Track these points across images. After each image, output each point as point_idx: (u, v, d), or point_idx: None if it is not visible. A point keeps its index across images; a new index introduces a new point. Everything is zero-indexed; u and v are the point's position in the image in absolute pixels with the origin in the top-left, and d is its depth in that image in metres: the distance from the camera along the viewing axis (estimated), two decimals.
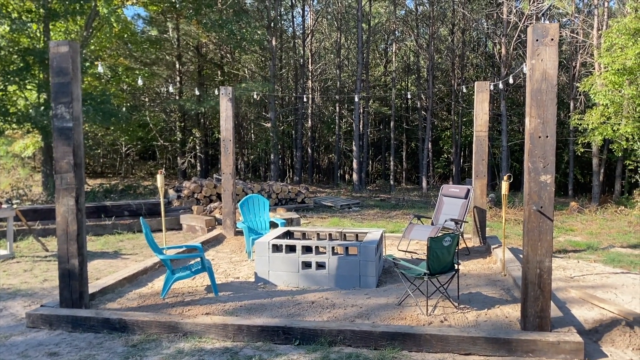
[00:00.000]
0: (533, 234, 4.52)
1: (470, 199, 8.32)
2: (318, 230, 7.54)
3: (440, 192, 8.80)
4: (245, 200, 8.53)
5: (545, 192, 4.48)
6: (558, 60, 4.48)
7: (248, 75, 25.06)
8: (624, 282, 7.00)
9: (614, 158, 22.25)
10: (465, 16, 25.47)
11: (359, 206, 15.21)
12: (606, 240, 10.78)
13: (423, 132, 27.31)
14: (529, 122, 4.48)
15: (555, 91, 4.42)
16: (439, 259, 5.26)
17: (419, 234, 7.80)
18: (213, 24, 17.87)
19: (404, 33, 29.08)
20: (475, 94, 8.75)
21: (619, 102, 15.89)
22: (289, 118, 28.75)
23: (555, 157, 4.49)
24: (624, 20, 16.06)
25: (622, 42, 15.58)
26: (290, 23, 27.81)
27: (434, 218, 8.55)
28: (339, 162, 29.46)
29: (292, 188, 14.86)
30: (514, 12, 19.84)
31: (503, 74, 20.77)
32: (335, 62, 30.14)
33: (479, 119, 8.70)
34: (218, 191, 13.49)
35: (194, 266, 6.16)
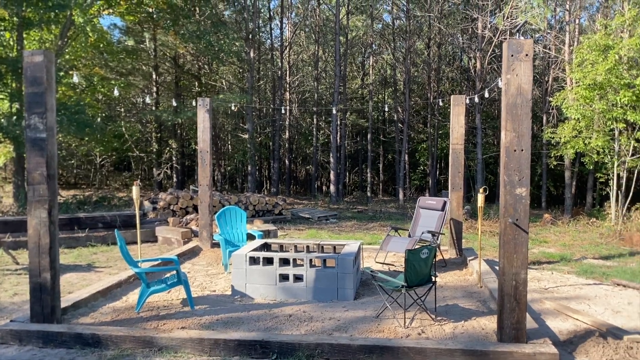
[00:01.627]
0: (509, 246, 4.57)
1: (446, 211, 8.40)
2: (295, 243, 7.51)
3: (417, 204, 8.87)
4: (223, 212, 8.46)
5: (521, 204, 4.54)
6: (532, 75, 4.57)
7: (226, 86, 24.98)
8: (596, 293, 7.13)
9: (586, 171, 22.74)
10: (441, 31, 25.87)
11: (336, 218, 15.21)
12: (579, 251, 10.97)
13: (400, 145, 27.53)
14: (504, 136, 4.54)
15: (530, 105, 4.51)
16: (417, 271, 5.28)
17: (396, 246, 7.83)
18: (191, 35, 17.81)
19: (381, 46, 29.39)
20: (451, 108, 8.87)
21: (590, 117, 16.26)
22: (266, 129, 28.71)
23: (530, 170, 4.57)
24: (594, 37, 16.51)
25: (593, 58, 15.99)
26: (269, 35, 27.88)
27: (411, 230, 8.60)
28: (316, 173, 29.49)
29: (270, 200, 14.80)
30: (488, 27, 20.23)
31: (478, 88, 21.11)
32: (313, 74, 30.28)
33: (455, 132, 8.81)
34: (194, 203, 13.36)
35: (170, 279, 6.07)
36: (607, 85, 15.72)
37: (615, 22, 16.50)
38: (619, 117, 15.76)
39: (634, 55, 16.01)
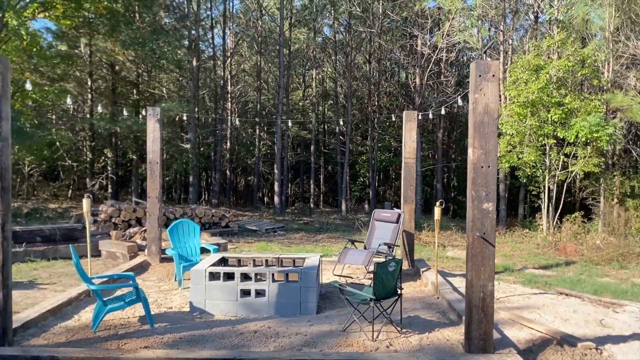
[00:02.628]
0: (476, 259, 4.73)
1: (401, 223, 8.57)
2: (254, 257, 7.41)
3: (372, 217, 8.99)
4: (175, 226, 8.22)
5: (488, 219, 4.71)
6: (498, 94, 4.78)
7: (166, 94, 24.39)
8: (544, 302, 7.48)
9: (517, 184, 23.92)
10: (381, 46, 26.51)
11: (284, 230, 15.15)
12: (520, 262, 11.50)
13: (342, 157, 27.86)
14: (472, 153, 4.71)
15: (496, 124, 4.70)
16: (385, 284, 5.35)
17: (354, 259, 7.90)
18: (132, 41, 17.28)
19: (322, 60, 29.72)
20: (403, 123, 9.09)
21: (524, 132, 17.12)
22: (208, 139, 28.23)
23: (496, 185, 4.75)
24: (527, 57, 17.47)
25: (526, 77, 16.90)
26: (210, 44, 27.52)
27: (366, 242, 8.70)
28: (258, 184, 29.27)
29: (216, 212, 14.54)
30: (428, 44, 20.95)
31: (417, 103, 21.76)
32: (255, 85, 30.15)
33: (407, 146, 9.03)
34: (137, 215, 12.90)
35: (128, 297, 5.82)
36: (539, 103, 16.65)
37: (546, 44, 17.54)
38: (550, 134, 16.71)
39: (562, 76, 17.05)
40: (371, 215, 9.18)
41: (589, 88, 18.75)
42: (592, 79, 17.80)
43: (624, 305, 7.41)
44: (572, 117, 16.29)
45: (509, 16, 20.89)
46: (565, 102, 16.33)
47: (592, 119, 15.65)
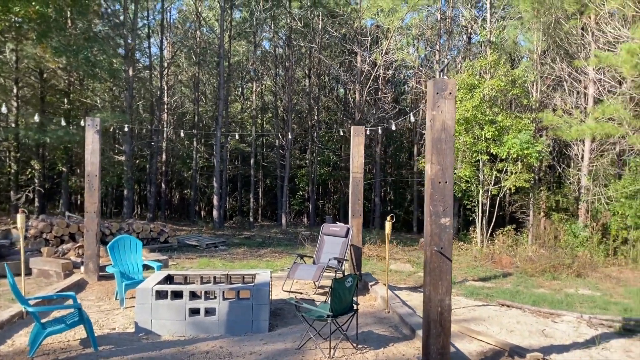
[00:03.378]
0: (434, 274, 4.78)
1: (350, 238, 8.59)
2: (201, 274, 7.17)
3: (321, 231, 8.96)
4: (116, 242, 7.84)
5: (445, 234, 4.79)
6: (455, 111, 4.89)
7: (100, 104, 23.42)
8: (488, 314, 7.70)
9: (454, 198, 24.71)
10: (321, 61, 26.79)
11: (225, 245, 14.82)
12: (460, 274, 11.80)
13: (282, 170, 27.75)
14: (430, 169, 4.78)
15: (453, 140, 4.80)
16: (341, 299, 5.31)
17: (304, 274, 7.81)
18: (65, 48, 16.47)
19: (262, 73, 29.62)
20: (351, 138, 9.16)
21: (459, 148, 17.72)
22: (143, 151, 27.33)
23: (453, 200, 4.85)
24: (462, 76, 18.16)
25: (461, 95, 17.54)
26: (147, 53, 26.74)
27: (315, 257, 8.64)
28: (195, 198, 28.60)
29: (155, 227, 14.02)
30: (367, 61, 21.38)
31: (357, 118, 22.08)
32: (193, 96, 29.59)
33: (355, 160, 9.10)
34: (71, 230, 12.21)
35: (69, 318, 5.45)
36: (474, 121, 17.31)
37: (479, 64, 18.32)
38: (483, 150, 17.40)
39: (495, 95, 17.85)
40: (309, 228, 9.17)
41: (519, 107, 19.71)
42: (522, 99, 18.73)
43: (562, 315, 7.75)
44: (504, 135, 17.03)
45: (444, 36, 21.70)
46: (498, 120, 17.06)
47: (522, 136, 16.42)
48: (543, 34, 19.01)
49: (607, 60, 12.96)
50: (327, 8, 22.73)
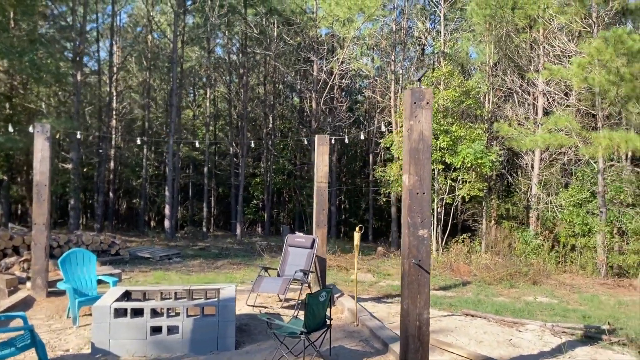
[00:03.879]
0: (413, 287, 4.67)
1: (315, 249, 8.40)
2: (161, 289, 6.80)
3: (285, 242, 8.73)
4: (67, 256, 7.36)
5: (423, 246, 4.68)
6: (431, 121, 4.81)
7: (46, 110, 22.33)
8: (455, 324, 7.67)
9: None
10: (277, 69, 26.60)
11: (179, 256, 14.32)
12: None
13: (236, 178, 27.30)
14: (407, 179, 4.68)
15: (430, 150, 4.72)
16: (315, 315, 5.12)
17: (269, 287, 7.57)
18: (8, 50, 15.58)
19: (215, 79, 29.14)
20: (315, 147, 9.00)
21: None
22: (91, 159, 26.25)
23: (430, 211, 4.75)
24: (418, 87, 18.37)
25: None
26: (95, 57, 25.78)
27: (280, 269, 8.40)
28: (145, 207, 27.70)
29: (105, 238, 13.38)
30: (324, 70, 21.36)
31: (314, 127, 22.00)
32: (143, 102, 28.75)
33: (320, 170, 8.94)
34: (15, 243, 11.45)
35: (19, 341, 5.00)
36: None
37: (435, 74, 18.61)
38: (438, 159, 17.64)
39: (449, 105, 18.16)
40: (265, 238, 8.96)
41: (472, 117, 20.11)
42: (475, 109, 19.15)
43: (525, 324, 7.82)
44: (459, 144, 17.32)
45: (398, 47, 21.98)
46: (452, 130, 17.33)
47: (476, 146, 16.75)
48: (495, 46, 19.54)
49: (559, 73, 13.39)
50: (283, 16, 22.61)
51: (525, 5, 17.24)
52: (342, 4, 19.47)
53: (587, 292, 11.67)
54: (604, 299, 10.83)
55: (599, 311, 9.40)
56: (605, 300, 10.75)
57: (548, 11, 16.29)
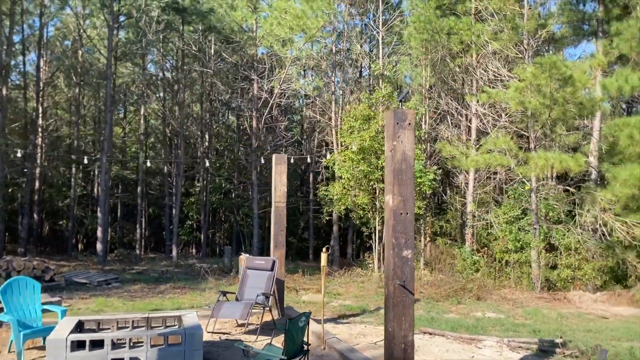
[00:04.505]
0: (398, 309, 4.63)
1: (276, 271, 8.21)
2: (117, 318, 6.37)
3: (244, 265, 8.47)
4: (9, 285, 6.75)
5: (407, 266, 4.67)
6: (414, 142, 4.84)
7: None
8: (417, 343, 7.68)
9: (345, 225, 25.20)
10: (214, 87, 26.21)
11: (118, 281, 13.57)
12: (371, 302, 11.85)
13: (170, 198, 26.46)
14: (391, 200, 4.67)
15: (412, 171, 4.74)
16: (294, 341, 4.96)
17: (230, 312, 7.28)
18: None
19: (149, 96, 28.26)
20: (273, 166, 8.88)
21: (358, 177, 18.09)
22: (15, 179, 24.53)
23: (413, 232, 4.76)
24: (359, 107, 18.71)
25: (358, 125, 18.02)
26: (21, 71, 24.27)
27: (238, 293, 8.12)
28: (73, 230, 26.18)
29: (38, 264, 12.45)
30: (265, 89, 21.26)
31: (255, 146, 21.78)
32: (72, 119, 27.37)
33: (278, 190, 8.81)
34: None
35: None
36: (371, 150, 17.81)
37: (376, 96, 19.01)
38: (379, 178, 17.94)
39: None
40: (201, 260, 8.69)
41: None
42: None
43: (482, 340, 7.99)
44: None
45: (338, 68, 22.32)
46: None
47: (415, 165, 17.19)
48: (431, 70, 20.27)
49: (497, 96, 14.05)
50: (222, 34, 22.37)
51: (460, 31, 18.03)
52: (284, 24, 19.56)
53: (528, 306, 12.16)
54: (546, 313, 11.32)
55: (545, 325, 9.79)
56: (547, 313, 11.24)
57: (482, 37, 17.11)
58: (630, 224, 13.02)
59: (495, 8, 16.57)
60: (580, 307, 12.51)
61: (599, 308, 12.49)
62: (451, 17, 18.37)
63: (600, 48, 15.38)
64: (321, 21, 19.68)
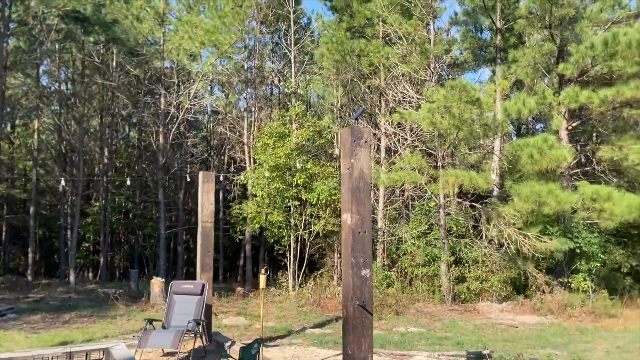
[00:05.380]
0: (357, 331, 4.53)
1: (205, 295, 7.79)
2: (33, 354, 5.69)
3: (170, 290, 7.94)
4: None
5: (366, 286, 4.60)
6: (370, 160, 4.81)
7: None
8: None
9: (257, 244, 24.75)
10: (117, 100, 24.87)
11: (14, 312, 12.21)
12: (295, 322, 11.66)
13: (66, 220, 24.55)
14: (349, 218, 4.59)
15: (369, 189, 4.71)
16: None
17: (159, 341, 6.77)
18: None
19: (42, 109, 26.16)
20: (200, 184, 8.50)
21: (273, 194, 17.89)
22: None
23: (371, 251, 4.70)
24: (273, 125, 18.61)
25: (272, 142, 17.91)
26: None
27: (165, 320, 7.58)
28: None
29: None
30: (173, 104, 20.49)
31: (161, 162, 20.87)
32: None
33: (205, 209, 8.44)
34: None
35: None
36: (286, 168, 17.74)
37: (289, 113, 19.03)
38: (294, 196, 17.92)
39: (305, 144, 18.65)
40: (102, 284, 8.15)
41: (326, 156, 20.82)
42: (328, 148, 19.95)
43: (414, 356, 8.13)
44: (314, 181, 17.79)
45: (251, 85, 22.12)
46: (308, 168, 17.77)
47: (330, 183, 17.37)
48: (342, 90, 20.68)
49: (410, 116, 14.61)
50: (127, 46, 21.32)
51: (370, 53, 18.62)
52: (195, 38, 19.04)
53: (444, 318, 12.61)
54: (462, 325, 11.79)
55: (465, 337, 10.18)
56: (463, 325, 11.71)
57: (392, 59, 17.77)
58: (531, 237, 14.01)
59: (404, 33, 17.31)
60: (490, 318, 13.19)
61: (507, 317, 13.25)
62: (361, 39, 18.94)
63: (499, 73, 16.58)
64: (234, 37, 19.41)
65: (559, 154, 13.44)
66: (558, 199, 13.06)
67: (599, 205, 13.29)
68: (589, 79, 15.26)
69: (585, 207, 13.72)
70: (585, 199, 13.52)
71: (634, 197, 12.95)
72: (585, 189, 13.74)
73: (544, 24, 15.31)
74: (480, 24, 18.10)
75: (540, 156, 13.51)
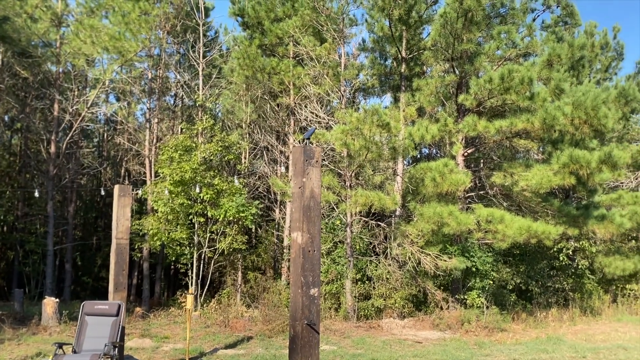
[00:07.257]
0: (305, 351, 4.51)
1: (121, 316, 7.30)
2: None
3: (81, 311, 7.33)
4: None
5: (314, 305, 4.60)
6: (321, 179, 4.85)
7: None
8: None
9: (154, 262, 23.60)
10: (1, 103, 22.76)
11: None
12: (205, 344, 11.27)
13: None
14: (300, 237, 4.59)
15: (320, 208, 4.74)
16: None
17: None
18: None
19: None
20: (115, 198, 8.01)
21: (177, 210, 17.26)
22: None
23: (320, 270, 4.72)
24: (179, 138, 18.03)
25: (178, 156, 17.33)
26: None
27: (76, 344, 6.98)
28: None
29: None
30: (70, 111, 19.15)
31: (52, 173, 19.37)
32: None
33: (121, 225, 7.95)
34: None
35: None
36: (191, 182, 17.22)
37: (198, 127, 18.56)
38: (200, 212, 17.43)
39: (212, 158, 18.27)
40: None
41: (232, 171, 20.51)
42: (235, 164, 19.68)
43: None
44: (221, 198, 17.44)
45: (154, 96, 21.29)
46: (215, 183, 17.41)
47: (238, 199, 17.16)
48: (252, 106, 20.59)
49: (324, 137, 14.88)
50: (19, 46, 19.63)
51: (282, 72, 18.80)
52: (98, 43, 18.00)
53: (352, 336, 12.85)
54: (370, 341, 12.09)
55: (377, 353, 10.46)
56: (372, 342, 12.01)
57: (302, 80, 18.06)
58: (432, 255, 14.78)
59: (317, 55, 17.69)
60: (394, 334, 13.64)
61: (409, 333, 13.79)
62: (273, 57, 19.07)
63: (403, 100, 17.45)
64: (140, 45, 18.64)
65: (458, 178, 14.34)
66: (458, 220, 13.91)
67: (493, 227, 14.34)
68: (485, 109, 16.52)
69: (482, 228, 14.73)
70: (481, 220, 14.53)
71: (523, 220, 14.15)
72: (481, 211, 14.78)
73: (446, 57, 16.38)
74: (386, 52, 18.93)
75: (442, 179, 14.33)
